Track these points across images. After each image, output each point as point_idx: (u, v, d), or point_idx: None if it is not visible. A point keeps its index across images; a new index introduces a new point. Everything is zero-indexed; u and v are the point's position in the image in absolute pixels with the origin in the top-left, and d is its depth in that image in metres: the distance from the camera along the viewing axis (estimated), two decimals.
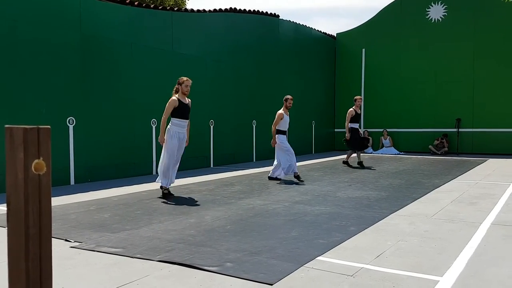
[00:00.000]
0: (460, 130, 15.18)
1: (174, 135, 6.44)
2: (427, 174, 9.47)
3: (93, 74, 8.49)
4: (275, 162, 8.56)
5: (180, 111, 6.46)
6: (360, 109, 11.07)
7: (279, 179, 8.53)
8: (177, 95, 6.49)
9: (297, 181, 8.27)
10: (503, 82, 14.61)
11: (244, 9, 12.70)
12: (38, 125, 1.10)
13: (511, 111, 14.51)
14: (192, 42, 10.77)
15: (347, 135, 10.67)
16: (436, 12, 15.63)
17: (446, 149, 15.18)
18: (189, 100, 6.68)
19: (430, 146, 15.45)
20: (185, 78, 6.54)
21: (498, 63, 14.67)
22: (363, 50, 16.99)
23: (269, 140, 13.57)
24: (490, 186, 7.71)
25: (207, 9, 11.41)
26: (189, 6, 30.25)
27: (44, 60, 7.66)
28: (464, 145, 15.20)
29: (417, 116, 15.90)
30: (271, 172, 8.69)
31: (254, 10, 13.15)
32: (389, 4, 16.55)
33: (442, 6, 15.53)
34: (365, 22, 17.07)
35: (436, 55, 15.56)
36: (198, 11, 11.10)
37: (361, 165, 10.79)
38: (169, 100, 6.40)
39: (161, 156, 6.57)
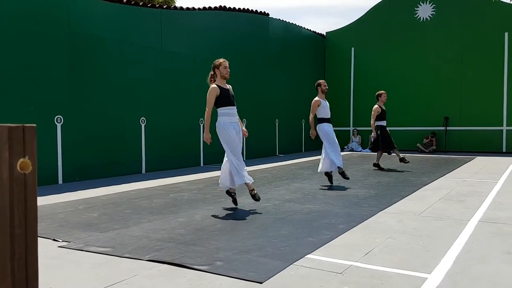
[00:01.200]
0: (448, 128, 15.33)
1: (227, 126, 5.46)
2: (415, 172, 9.55)
3: (81, 72, 8.41)
4: (323, 156, 7.53)
5: (224, 98, 5.53)
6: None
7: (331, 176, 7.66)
8: (215, 83, 5.60)
9: (328, 180, 7.63)
10: (490, 81, 14.78)
11: (234, 7, 12.68)
12: (24, 124, 1.09)
13: (498, 109, 14.70)
14: (181, 40, 10.72)
15: (374, 133, 9.86)
16: (424, 11, 15.76)
17: (434, 147, 15.31)
18: (230, 86, 5.75)
19: (418, 144, 15.58)
20: (221, 60, 5.60)
21: (485, 62, 14.84)
22: (352, 48, 17.08)
23: (261, 139, 13.68)
24: (478, 183, 7.80)
25: (196, 7, 11.37)
26: (178, 4, 30.12)
27: (31, 57, 7.56)
28: (452, 143, 15.36)
29: (406, 114, 16.01)
30: (321, 167, 7.53)
31: (244, 9, 13.12)
32: (378, 3, 16.65)
33: (430, 5, 15.66)
34: (354, 21, 17.16)
35: (424, 54, 15.69)
36: (188, 9, 11.05)
37: (378, 167, 10.04)
38: (209, 90, 5.49)
39: (226, 156, 5.55)
